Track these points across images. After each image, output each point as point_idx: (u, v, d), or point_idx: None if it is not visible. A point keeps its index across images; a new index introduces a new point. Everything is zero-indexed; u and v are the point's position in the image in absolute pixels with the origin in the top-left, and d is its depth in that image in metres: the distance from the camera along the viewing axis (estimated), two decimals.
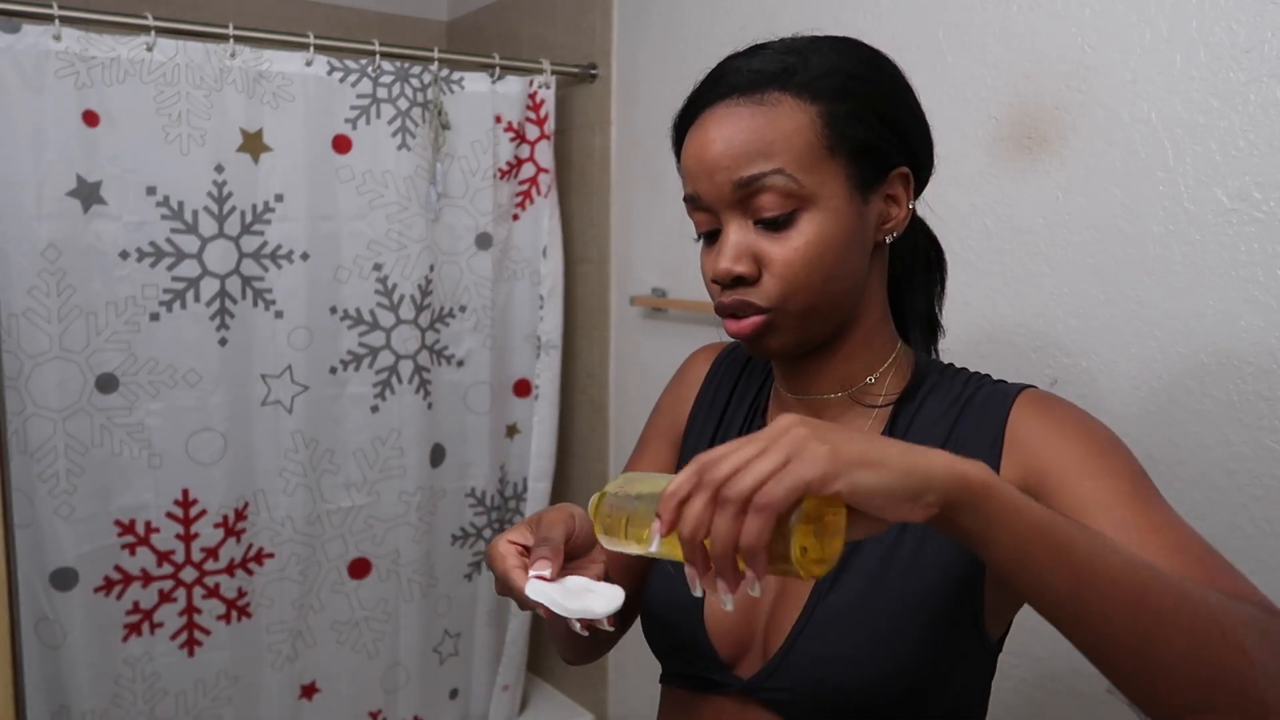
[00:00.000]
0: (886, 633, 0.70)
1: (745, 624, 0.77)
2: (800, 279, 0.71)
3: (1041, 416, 0.72)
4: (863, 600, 0.71)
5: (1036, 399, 0.74)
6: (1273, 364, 1.05)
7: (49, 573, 1.68)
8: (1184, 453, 1.13)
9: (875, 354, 0.78)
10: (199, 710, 1.85)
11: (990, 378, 0.78)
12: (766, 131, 0.69)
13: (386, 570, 2.01)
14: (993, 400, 0.74)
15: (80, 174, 1.64)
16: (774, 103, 0.70)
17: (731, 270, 0.71)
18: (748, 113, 0.70)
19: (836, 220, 0.70)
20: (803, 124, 0.69)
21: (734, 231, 0.72)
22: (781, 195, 0.69)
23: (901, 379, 0.79)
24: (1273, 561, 1.05)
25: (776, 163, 0.69)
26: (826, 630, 0.72)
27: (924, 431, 0.75)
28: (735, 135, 0.70)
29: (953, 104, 1.35)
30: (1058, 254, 1.25)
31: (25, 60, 1.58)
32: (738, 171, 0.70)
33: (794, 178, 0.69)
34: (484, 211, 2.01)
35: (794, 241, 0.70)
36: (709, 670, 0.78)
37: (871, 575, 0.72)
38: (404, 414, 1.97)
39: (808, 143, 0.69)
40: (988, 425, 0.73)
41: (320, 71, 1.82)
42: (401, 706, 2.08)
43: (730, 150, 0.70)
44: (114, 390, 1.71)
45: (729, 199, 0.71)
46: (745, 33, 0.74)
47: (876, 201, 0.73)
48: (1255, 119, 1.05)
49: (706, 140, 0.71)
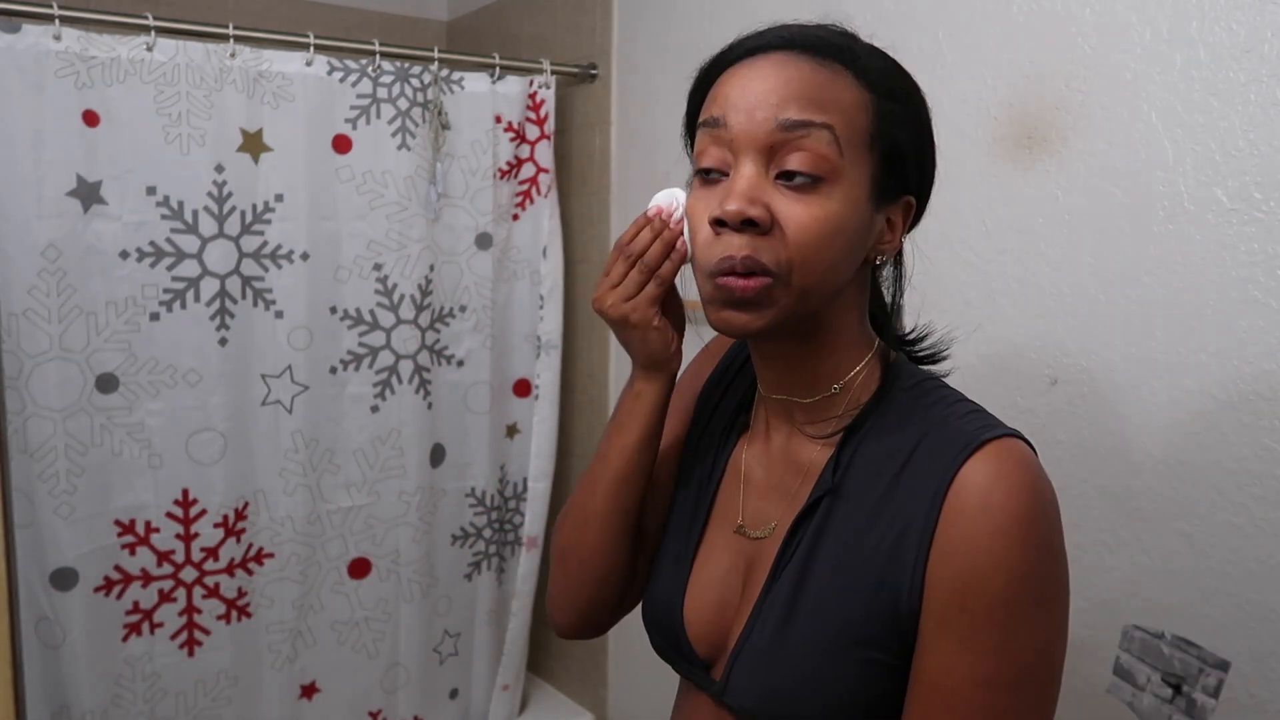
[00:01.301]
0: (816, 667, 0.68)
1: (718, 627, 0.77)
2: (813, 248, 0.65)
3: (976, 516, 0.63)
4: (791, 631, 0.69)
5: (987, 475, 0.64)
6: (1273, 364, 1.05)
7: (49, 573, 1.68)
8: (1184, 453, 1.13)
9: (845, 359, 0.74)
10: (199, 710, 1.85)
11: (962, 407, 0.71)
12: (828, 90, 0.65)
13: (386, 570, 2.01)
14: (950, 447, 0.66)
15: (80, 174, 1.64)
16: (835, 71, 0.66)
17: (745, 211, 0.64)
18: (809, 66, 0.66)
19: (854, 210, 0.67)
20: (860, 101, 0.66)
21: (749, 173, 0.65)
22: (818, 156, 0.64)
23: (866, 393, 0.74)
24: (1273, 561, 1.05)
25: (829, 118, 0.64)
26: (759, 658, 0.71)
27: (872, 465, 0.70)
28: (794, 78, 0.65)
29: (953, 104, 1.35)
30: (1058, 254, 1.24)
31: (25, 60, 1.58)
32: (786, 111, 0.64)
33: (838, 142, 0.64)
34: (484, 211, 2.01)
35: (813, 209, 0.65)
36: (690, 670, 0.79)
37: (796, 605, 0.70)
38: (404, 414, 1.97)
39: (860, 120, 0.66)
40: (931, 476, 0.66)
41: (320, 71, 1.82)
42: (401, 706, 2.08)
43: (785, 89, 0.65)
44: (114, 390, 1.71)
45: (761, 139, 0.65)
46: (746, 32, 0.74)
47: (881, 218, 0.70)
48: (1255, 119, 1.05)
49: (758, 75, 0.66)
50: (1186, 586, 1.13)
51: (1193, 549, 1.12)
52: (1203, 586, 1.11)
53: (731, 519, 0.80)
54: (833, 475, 0.71)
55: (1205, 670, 1.11)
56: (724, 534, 0.80)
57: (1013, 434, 0.67)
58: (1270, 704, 1.05)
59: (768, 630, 0.71)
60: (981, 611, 0.62)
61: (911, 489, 0.67)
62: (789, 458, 0.77)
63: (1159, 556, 1.15)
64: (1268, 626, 1.06)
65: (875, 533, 0.68)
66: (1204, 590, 1.11)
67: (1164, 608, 1.15)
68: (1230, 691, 1.09)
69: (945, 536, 0.64)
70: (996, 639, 0.62)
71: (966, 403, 0.72)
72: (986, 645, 0.62)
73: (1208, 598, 1.11)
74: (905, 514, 0.66)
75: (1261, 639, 1.06)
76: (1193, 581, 1.12)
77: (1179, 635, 1.14)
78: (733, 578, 0.77)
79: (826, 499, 0.71)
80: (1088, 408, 1.22)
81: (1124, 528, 1.19)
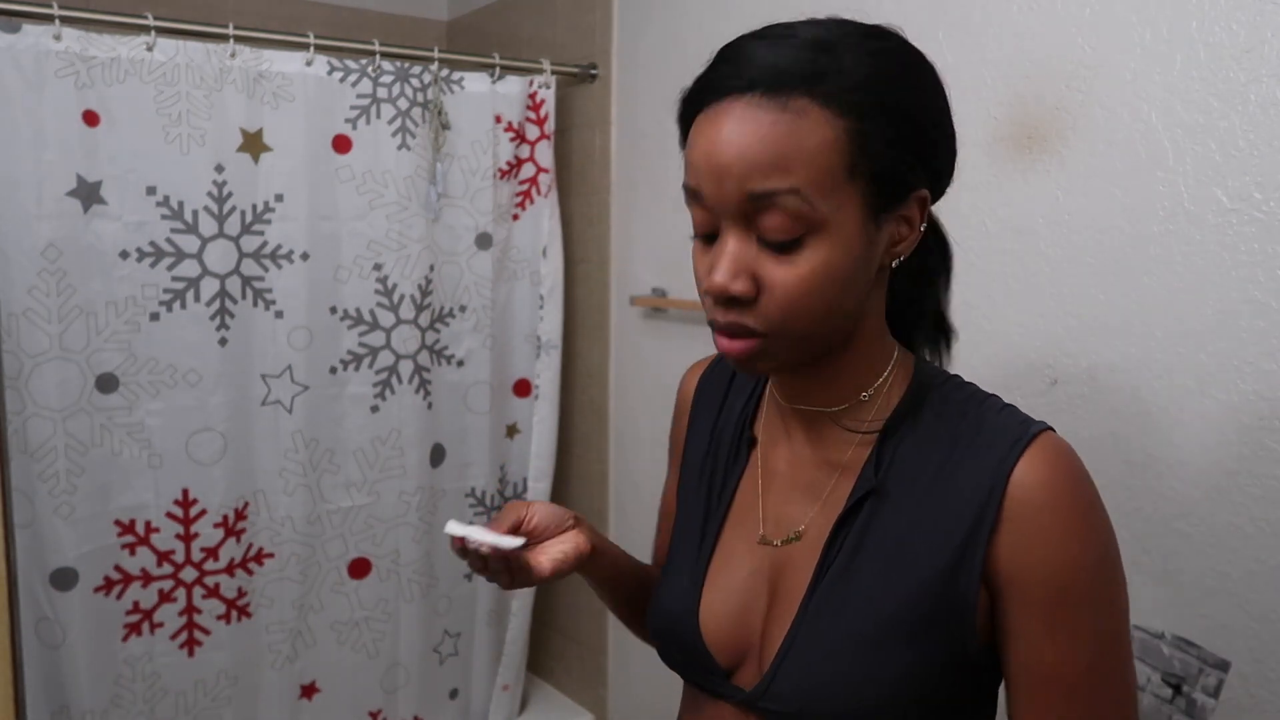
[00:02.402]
0: (868, 663, 0.68)
1: (740, 633, 0.77)
2: (800, 307, 0.66)
3: (1053, 508, 0.65)
4: (841, 630, 0.70)
5: (1052, 469, 0.66)
6: (1273, 364, 1.05)
7: (49, 573, 1.68)
8: (1184, 453, 1.13)
9: (870, 369, 0.74)
10: (199, 710, 1.85)
11: (993, 404, 0.72)
12: (787, 144, 0.63)
13: (386, 570, 2.01)
14: (996, 443, 0.68)
15: (80, 174, 1.64)
16: (799, 111, 0.63)
17: (728, 289, 0.66)
18: (769, 119, 0.63)
19: (846, 248, 0.65)
20: (828, 141, 0.63)
21: (734, 244, 0.66)
22: (792, 217, 0.63)
23: (897, 394, 0.74)
24: (1273, 561, 1.05)
25: (793, 181, 0.63)
26: (808, 657, 0.71)
27: (911, 463, 0.71)
28: (753, 142, 0.63)
29: (953, 104, 1.34)
30: (1058, 254, 1.24)
31: (25, 60, 1.58)
32: (749, 183, 0.63)
33: (809, 200, 0.63)
34: (484, 211, 2.01)
35: (798, 268, 0.65)
36: (710, 679, 0.78)
37: (846, 603, 0.70)
38: (404, 414, 1.97)
39: (829, 163, 0.63)
40: (983, 472, 0.67)
41: (320, 71, 1.82)
42: (401, 706, 2.08)
43: (745, 157, 0.63)
44: (114, 390, 1.71)
45: (735, 209, 0.65)
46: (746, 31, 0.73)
47: (889, 224, 0.68)
48: (1255, 119, 1.05)
49: (720, 139, 0.64)
50: (1186, 586, 1.13)
51: (1193, 549, 1.12)
52: (1203, 586, 1.11)
53: (751, 528, 0.79)
54: (875, 474, 0.72)
55: (1205, 670, 1.11)
56: (743, 543, 0.80)
57: (1049, 427, 0.70)
58: (1270, 704, 1.05)
59: (818, 631, 0.71)
60: (1084, 602, 0.66)
61: (960, 484, 0.68)
62: (819, 457, 0.77)
63: (1159, 556, 1.15)
64: (1268, 626, 1.06)
65: (924, 529, 0.69)
66: (1204, 590, 1.11)
67: (1164, 608, 1.15)
68: (1230, 691, 1.09)
69: (1020, 531, 0.66)
70: (1099, 625, 0.66)
71: (996, 399, 0.74)
72: (1091, 630, 0.66)
73: (1208, 598, 1.11)
74: (956, 509, 0.68)
75: (1261, 639, 1.06)
76: (1193, 581, 1.12)
77: (1179, 635, 1.14)
78: (756, 584, 0.77)
79: (870, 499, 0.72)
80: (1088, 408, 1.22)
81: (1124, 528, 1.18)
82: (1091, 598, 0.66)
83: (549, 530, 0.85)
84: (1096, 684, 0.66)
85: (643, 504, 2.07)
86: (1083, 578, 0.66)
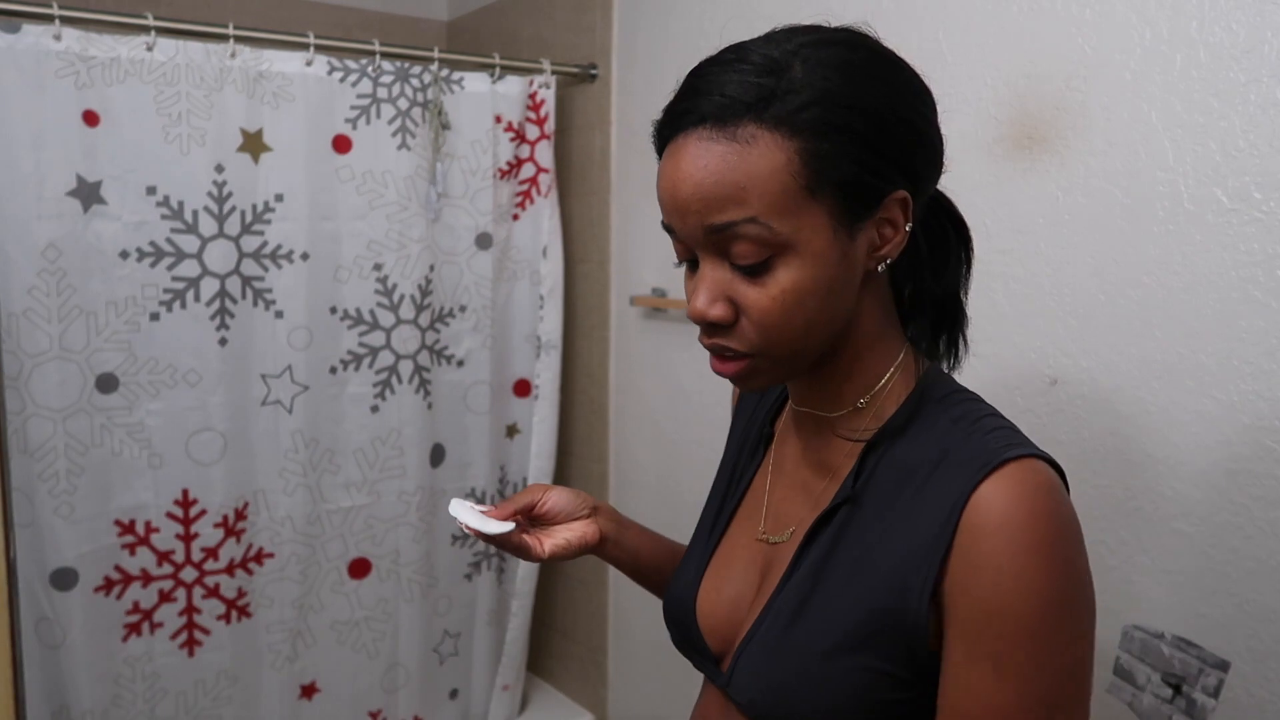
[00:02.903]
0: (814, 669, 0.69)
1: (730, 623, 0.79)
2: (779, 327, 0.67)
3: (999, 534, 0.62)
4: (794, 634, 0.70)
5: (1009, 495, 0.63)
6: (1273, 364, 1.05)
7: (49, 573, 1.68)
8: (1184, 453, 1.13)
9: (870, 374, 0.74)
10: (199, 710, 1.85)
11: (989, 423, 0.69)
12: (737, 174, 0.63)
13: (386, 570, 2.01)
14: (969, 464, 0.65)
15: (80, 174, 1.64)
16: (747, 139, 0.63)
17: (706, 315, 0.68)
18: (719, 150, 0.63)
19: (817, 264, 0.65)
20: (779, 165, 0.63)
21: (709, 271, 0.68)
22: (755, 243, 0.64)
23: (894, 404, 0.73)
24: (1273, 561, 1.05)
25: (749, 210, 0.63)
26: (759, 655, 0.73)
27: (890, 478, 0.70)
28: (705, 177, 0.64)
29: (953, 104, 1.35)
30: (1058, 254, 1.24)
31: (25, 60, 1.57)
32: (708, 217, 0.65)
33: (768, 225, 0.63)
34: (484, 211, 2.01)
35: (770, 290, 0.66)
36: (704, 664, 0.82)
37: (805, 608, 0.71)
38: (404, 414, 1.97)
39: (784, 186, 0.63)
40: (949, 493, 0.65)
41: (320, 71, 1.82)
42: (401, 706, 2.08)
43: (700, 193, 0.64)
44: (114, 390, 1.71)
45: (702, 241, 0.67)
46: (746, 34, 0.73)
47: (867, 231, 0.68)
48: (1255, 119, 1.05)
49: (678, 176, 0.66)
50: (1186, 586, 1.13)
51: (1193, 549, 1.12)
52: (1203, 586, 1.11)
53: (755, 523, 0.82)
54: (853, 484, 0.72)
55: (1205, 670, 1.11)
56: (746, 537, 0.82)
57: (1038, 455, 0.66)
58: (1270, 704, 1.05)
59: (775, 628, 0.72)
60: (1017, 633, 0.62)
61: (927, 504, 0.67)
62: (817, 459, 0.78)
63: (1159, 556, 1.15)
64: (1268, 626, 1.06)
65: (887, 545, 0.68)
66: (1204, 590, 1.11)
67: (1164, 608, 1.15)
68: (1230, 691, 1.09)
69: (966, 556, 0.63)
70: (1029, 663, 0.62)
71: (996, 419, 0.70)
72: (1027, 667, 0.62)
73: (1208, 598, 1.11)
74: (919, 529, 0.66)
75: (1261, 639, 1.06)
76: (1193, 581, 1.12)
77: (1179, 635, 1.14)
78: (750, 576, 0.79)
79: (845, 507, 0.72)
80: (1088, 408, 1.22)
81: (1124, 528, 1.19)
82: (1029, 634, 0.61)
83: (561, 516, 0.91)
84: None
85: (643, 503, 2.07)
86: (1022, 610, 0.61)
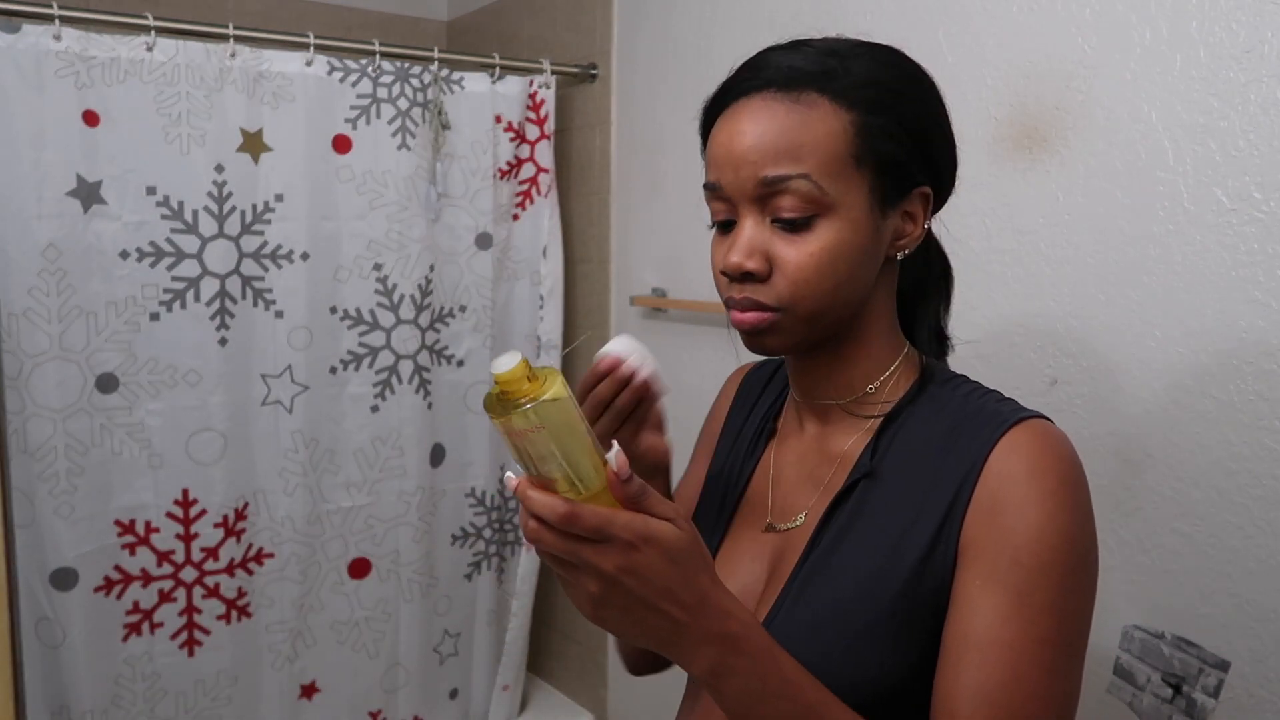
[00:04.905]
0: (840, 648, 0.69)
1: None
2: (811, 283, 0.71)
3: (1024, 480, 0.66)
4: (813, 616, 0.71)
5: (1031, 446, 0.68)
6: (1273, 364, 1.05)
7: (49, 573, 1.68)
8: (1184, 453, 1.13)
9: (877, 362, 0.78)
10: (199, 710, 1.85)
11: (996, 396, 0.75)
12: (799, 132, 0.69)
13: (386, 570, 2.01)
14: (985, 426, 0.70)
15: (80, 174, 1.64)
16: (810, 104, 0.70)
17: (743, 265, 0.71)
18: (783, 109, 0.70)
19: (854, 230, 0.71)
20: (835, 130, 0.69)
21: (750, 226, 0.72)
22: (803, 199, 0.69)
23: (903, 387, 0.78)
24: (1273, 561, 1.05)
25: (804, 166, 0.69)
26: (788, 630, 0.72)
27: (908, 448, 0.74)
28: (767, 131, 0.70)
29: (953, 104, 1.34)
30: (1058, 254, 1.25)
31: (25, 60, 1.58)
32: (764, 169, 0.70)
33: (819, 184, 0.69)
34: (484, 211, 2.01)
35: (809, 246, 0.70)
36: None
37: (828, 579, 0.72)
38: (404, 414, 1.97)
39: (837, 151, 0.69)
40: (967, 452, 0.70)
41: (320, 71, 1.82)
42: (401, 706, 2.08)
43: (760, 145, 0.70)
44: (114, 390, 1.71)
45: (750, 194, 0.71)
46: (746, 34, 0.74)
47: (894, 217, 0.74)
48: (1255, 119, 1.05)
49: (737, 130, 0.71)
50: (1186, 586, 1.13)
51: (1193, 549, 1.12)
52: (1203, 586, 1.11)
53: (760, 518, 0.82)
54: (870, 459, 0.74)
55: (1205, 670, 1.11)
56: (750, 532, 0.82)
57: (1044, 416, 0.71)
58: (1270, 704, 1.05)
59: (797, 609, 0.73)
60: (1037, 568, 0.64)
61: (947, 468, 0.70)
62: (823, 450, 0.80)
63: (1159, 556, 1.15)
64: (1268, 626, 1.06)
65: (910, 508, 0.70)
66: (1204, 590, 1.11)
67: (1164, 608, 1.15)
68: (1230, 691, 1.09)
69: (991, 501, 0.67)
70: (1050, 597, 0.64)
71: (1000, 393, 0.76)
72: (1042, 602, 0.64)
73: (1208, 598, 1.11)
74: (939, 492, 0.69)
75: (1261, 639, 1.06)
76: (1193, 581, 1.12)
77: (1179, 635, 1.14)
78: (757, 568, 0.80)
79: (863, 483, 0.74)
80: (1088, 408, 1.22)
81: (1124, 528, 1.19)
82: (1043, 568, 0.64)
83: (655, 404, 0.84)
84: (1044, 661, 0.64)
85: None
86: (1039, 548, 0.64)
